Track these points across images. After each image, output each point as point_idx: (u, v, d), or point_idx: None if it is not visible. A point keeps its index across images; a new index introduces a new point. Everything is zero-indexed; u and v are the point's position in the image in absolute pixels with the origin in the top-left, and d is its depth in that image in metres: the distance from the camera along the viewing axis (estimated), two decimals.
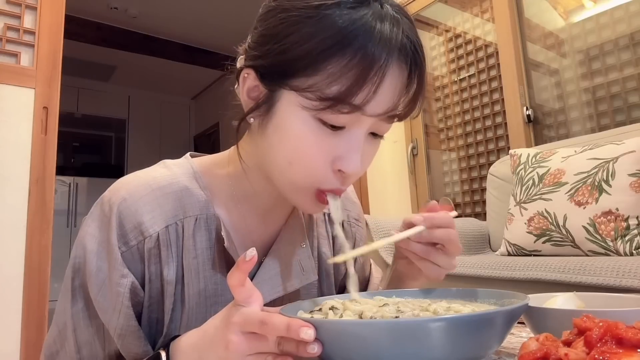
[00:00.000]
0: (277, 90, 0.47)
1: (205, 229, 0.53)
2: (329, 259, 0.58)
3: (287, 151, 0.47)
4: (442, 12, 2.78)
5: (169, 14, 4.05)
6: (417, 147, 2.79)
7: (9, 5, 1.64)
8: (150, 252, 0.50)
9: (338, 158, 0.47)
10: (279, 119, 0.47)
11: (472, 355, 0.35)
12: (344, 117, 0.44)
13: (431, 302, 0.47)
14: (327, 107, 0.43)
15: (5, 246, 1.50)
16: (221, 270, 0.54)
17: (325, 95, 0.43)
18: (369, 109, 0.44)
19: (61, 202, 4.40)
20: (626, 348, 0.25)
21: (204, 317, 0.50)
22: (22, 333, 1.47)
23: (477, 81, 2.53)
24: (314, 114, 0.45)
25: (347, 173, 0.47)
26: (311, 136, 0.46)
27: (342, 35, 0.42)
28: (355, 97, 0.43)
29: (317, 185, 0.48)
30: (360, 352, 0.35)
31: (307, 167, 0.47)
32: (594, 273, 1.08)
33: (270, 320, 0.37)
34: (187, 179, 0.54)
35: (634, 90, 1.91)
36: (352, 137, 0.46)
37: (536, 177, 1.57)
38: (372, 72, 0.42)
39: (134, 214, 0.49)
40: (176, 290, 0.52)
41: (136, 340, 0.49)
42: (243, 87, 0.50)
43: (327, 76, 0.43)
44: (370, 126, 0.47)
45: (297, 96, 0.45)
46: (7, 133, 1.55)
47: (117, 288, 0.48)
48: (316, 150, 0.46)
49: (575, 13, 2.16)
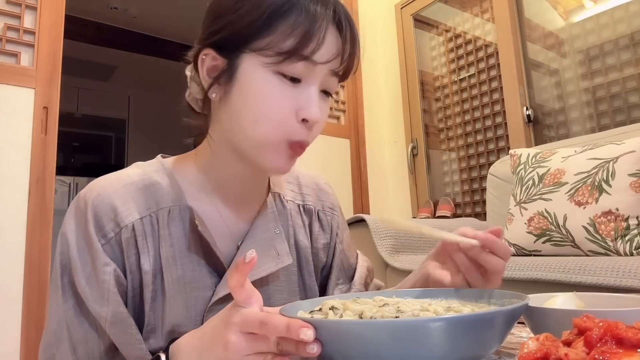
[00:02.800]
0: (237, 57, 0.53)
1: (179, 219, 0.56)
2: (380, 217, 0.62)
3: (253, 109, 0.52)
4: (442, 12, 2.78)
5: (169, 14, 4.05)
6: (417, 147, 2.79)
7: (9, 5, 1.64)
8: (128, 242, 0.53)
9: (300, 108, 0.52)
10: (241, 82, 0.52)
11: (472, 355, 0.35)
12: (299, 67, 0.51)
13: (431, 302, 0.47)
14: (284, 59, 0.50)
15: (5, 246, 1.50)
16: (198, 255, 0.56)
17: (281, 49, 0.50)
18: (317, 57, 0.51)
19: (61, 202, 4.39)
20: (626, 348, 0.25)
21: (185, 304, 0.54)
22: (22, 333, 1.47)
23: (477, 81, 2.53)
24: (274, 68, 0.51)
25: (311, 120, 0.53)
26: (273, 90, 0.52)
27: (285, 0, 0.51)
28: (306, 48, 0.50)
29: (286, 137, 0.53)
30: (360, 352, 0.35)
31: (274, 120, 0.52)
32: (594, 273, 1.08)
33: (270, 320, 0.37)
34: (158, 175, 0.58)
35: (634, 90, 1.91)
36: (309, 89, 0.53)
37: (536, 177, 1.57)
38: (317, 25, 0.51)
39: (108, 206, 0.52)
40: (156, 280, 0.54)
41: (128, 328, 0.51)
42: (202, 68, 0.55)
43: (280, 33, 0.50)
44: (321, 82, 0.54)
45: (256, 56, 0.51)
46: (7, 133, 1.55)
47: (102, 276, 0.51)
48: (280, 102, 0.52)
49: (575, 13, 2.16)
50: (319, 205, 0.71)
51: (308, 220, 0.69)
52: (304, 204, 0.69)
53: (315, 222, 0.69)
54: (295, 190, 0.70)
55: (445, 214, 2.52)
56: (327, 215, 0.71)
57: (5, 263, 1.49)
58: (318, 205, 0.71)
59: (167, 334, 0.54)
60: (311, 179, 0.73)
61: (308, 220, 0.69)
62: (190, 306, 0.55)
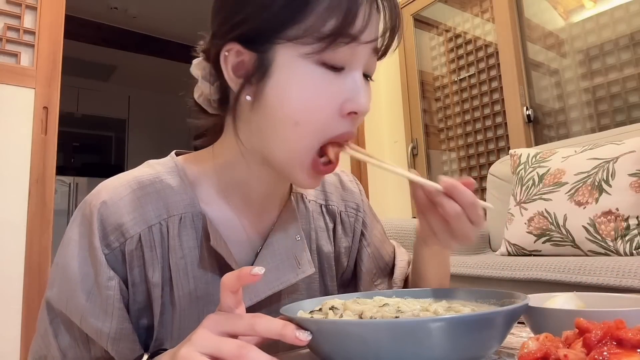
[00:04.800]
0: (269, 50, 0.45)
1: (192, 227, 0.51)
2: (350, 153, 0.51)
3: (293, 109, 0.45)
4: (442, 12, 2.78)
5: (169, 14, 4.05)
6: (417, 147, 2.78)
7: (9, 5, 1.64)
8: (132, 254, 0.48)
9: (347, 100, 0.46)
10: (278, 79, 0.46)
11: (472, 355, 0.35)
12: (343, 53, 0.45)
13: (431, 302, 0.47)
14: (328, 44, 0.44)
15: (5, 246, 1.50)
16: (212, 269, 0.52)
17: (322, 34, 0.43)
18: (364, 37, 0.45)
19: (61, 202, 4.39)
20: (626, 348, 0.25)
21: (197, 318, 0.48)
22: (22, 333, 1.47)
23: (477, 81, 2.53)
24: (317, 58, 0.44)
25: (360, 112, 0.47)
26: (317, 84, 0.45)
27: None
28: (353, 26, 0.44)
29: (328, 137, 0.47)
30: (360, 352, 0.35)
31: (317, 120, 0.46)
32: (594, 273, 1.08)
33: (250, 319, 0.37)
34: (170, 177, 0.52)
35: (634, 90, 1.91)
36: (354, 77, 0.47)
37: (536, 177, 1.57)
38: (358, 0, 0.44)
39: (115, 215, 0.48)
40: (164, 293, 0.50)
41: (131, 344, 0.48)
42: (227, 67, 0.48)
43: (319, 15, 0.43)
44: (364, 66, 0.48)
45: (294, 46, 0.44)
46: (7, 133, 1.55)
47: (106, 292, 0.47)
48: (325, 98, 0.45)
49: (575, 13, 2.16)
50: (342, 205, 0.66)
51: (332, 223, 0.64)
52: (326, 204, 0.64)
53: (338, 224, 0.64)
54: (318, 188, 0.64)
55: None
56: (351, 217, 0.66)
57: (5, 263, 1.49)
58: (341, 205, 0.65)
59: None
60: (335, 177, 0.68)
61: (332, 222, 0.64)
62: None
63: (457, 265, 1.49)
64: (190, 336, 0.37)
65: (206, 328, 0.37)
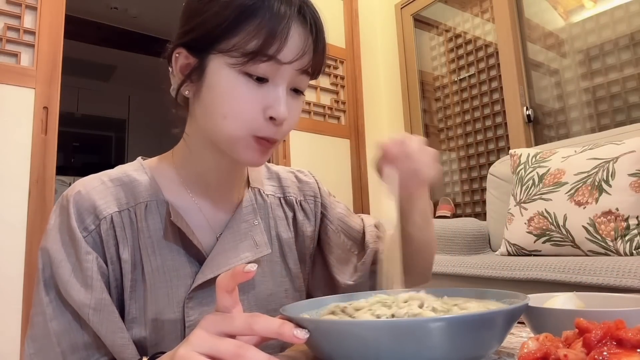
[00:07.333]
0: (206, 57, 0.55)
1: (157, 212, 0.58)
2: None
3: (221, 106, 0.54)
4: (442, 12, 2.78)
5: (169, 14, 4.04)
6: None
7: (9, 5, 1.64)
8: (108, 233, 0.55)
9: (267, 107, 0.54)
10: (210, 80, 0.54)
11: (472, 355, 0.35)
12: (264, 67, 0.53)
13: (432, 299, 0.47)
14: (249, 60, 0.52)
15: (5, 246, 1.50)
16: (177, 246, 0.58)
17: (246, 50, 0.52)
18: (282, 57, 0.53)
19: None
20: (626, 348, 0.25)
21: (167, 292, 0.56)
22: (22, 333, 1.47)
23: (477, 81, 2.53)
24: (240, 69, 0.53)
25: (277, 119, 0.54)
26: (240, 88, 0.53)
27: (253, 0, 0.52)
28: (270, 48, 0.52)
29: (252, 133, 0.54)
30: (360, 352, 0.35)
31: (240, 117, 0.54)
32: (594, 273, 1.08)
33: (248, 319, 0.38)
34: (136, 173, 0.60)
35: (634, 90, 1.91)
36: (276, 88, 0.54)
37: (536, 177, 1.57)
38: (281, 26, 0.52)
39: (88, 200, 0.55)
40: (136, 270, 0.56)
41: (110, 316, 0.52)
42: (176, 66, 0.58)
43: (246, 35, 0.52)
44: (290, 80, 0.55)
45: (223, 57, 0.53)
46: (7, 133, 1.55)
47: (85, 264, 0.53)
48: (246, 100, 0.53)
49: (575, 13, 2.16)
50: (300, 195, 0.73)
51: (291, 212, 0.71)
52: (284, 196, 0.72)
53: (299, 212, 0.72)
54: (275, 184, 0.72)
55: (445, 214, 2.52)
56: (310, 204, 0.73)
57: (5, 263, 1.49)
58: (299, 195, 0.73)
59: (150, 322, 0.55)
60: (291, 174, 0.76)
61: (291, 212, 0.71)
62: (171, 294, 0.56)
63: (457, 265, 1.49)
64: (188, 337, 0.39)
65: (204, 328, 0.38)
